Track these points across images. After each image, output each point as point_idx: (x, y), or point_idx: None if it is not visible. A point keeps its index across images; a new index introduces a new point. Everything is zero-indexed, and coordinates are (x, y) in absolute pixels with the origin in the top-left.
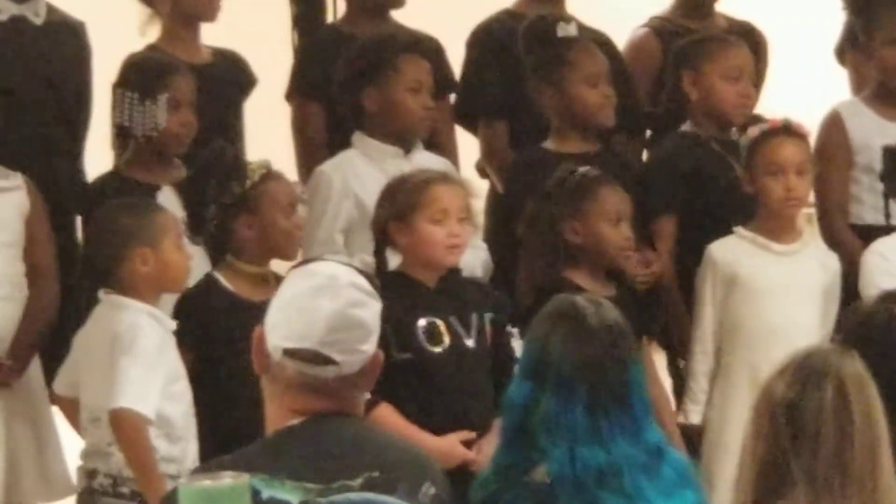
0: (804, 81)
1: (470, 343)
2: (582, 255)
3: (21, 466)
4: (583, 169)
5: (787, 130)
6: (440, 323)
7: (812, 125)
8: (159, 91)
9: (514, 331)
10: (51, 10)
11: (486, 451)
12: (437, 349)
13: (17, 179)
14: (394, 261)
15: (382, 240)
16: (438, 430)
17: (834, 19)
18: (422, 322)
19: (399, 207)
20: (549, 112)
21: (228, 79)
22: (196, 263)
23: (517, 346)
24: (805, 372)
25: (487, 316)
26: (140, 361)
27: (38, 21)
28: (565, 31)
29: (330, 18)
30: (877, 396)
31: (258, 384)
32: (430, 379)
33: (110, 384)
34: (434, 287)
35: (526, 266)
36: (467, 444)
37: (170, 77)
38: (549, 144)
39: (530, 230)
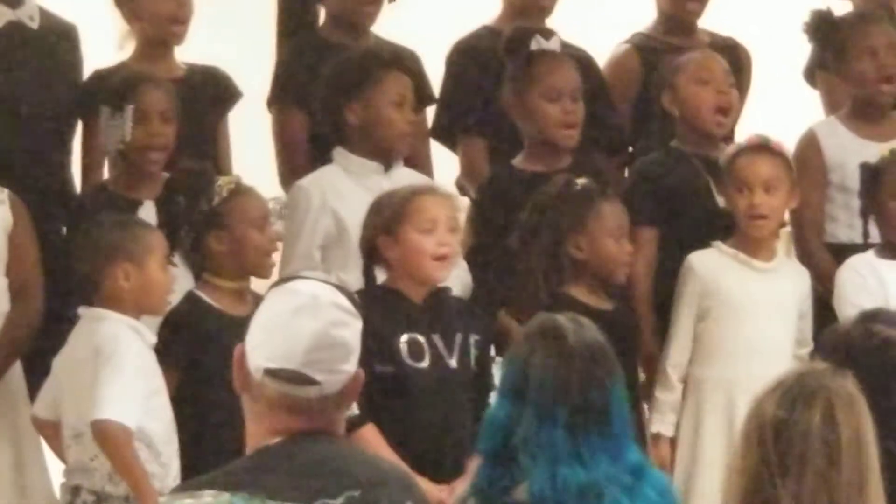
0: (788, 97)
1: (452, 363)
2: (584, 269)
3: (0, 482)
4: (581, 181)
5: (761, 147)
6: (423, 340)
7: (796, 141)
8: (126, 103)
9: (496, 358)
10: (44, 13)
11: (458, 492)
12: (419, 365)
13: (1, 195)
14: (380, 279)
15: (370, 257)
16: (415, 447)
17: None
18: (404, 337)
19: (386, 220)
20: (520, 127)
21: (202, 94)
22: (179, 283)
23: (497, 372)
24: (795, 391)
25: (473, 338)
26: (121, 372)
27: (34, 25)
28: (539, 44)
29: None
30: (868, 418)
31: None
32: (410, 394)
33: (91, 396)
34: (420, 303)
35: (522, 281)
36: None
37: (137, 89)
38: (517, 161)
39: (528, 244)
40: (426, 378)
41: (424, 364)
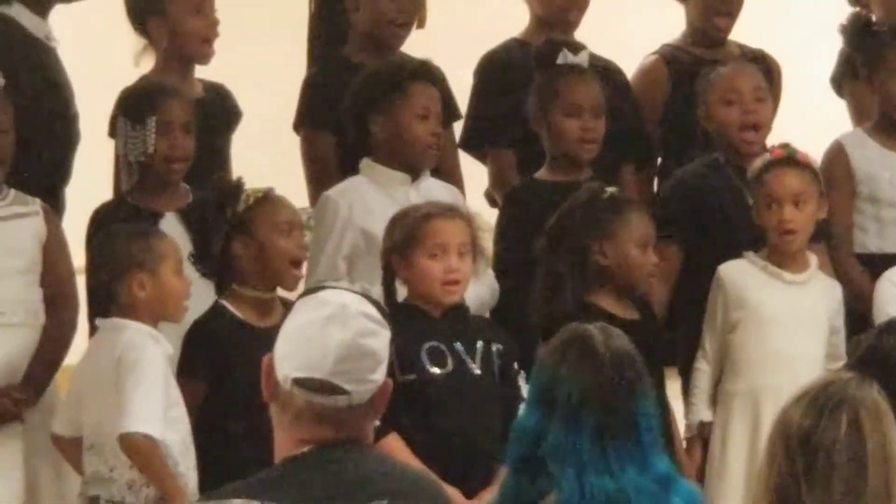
0: (818, 109)
1: (475, 369)
2: (609, 278)
3: (40, 491)
4: (610, 190)
5: (788, 161)
6: (444, 347)
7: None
8: (148, 115)
9: (521, 372)
10: None
11: (486, 500)
12: (440, 371)
13: (34, 205)
14: (402, 291)
15: (389, 270)
16: (441, 455)
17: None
18: (426, 345)
19: (399, 241)
20: (542, 139)
21: (217, 113)
22: (202, 295)
23: (523, 386)
24: (822, 401)
25: (495, 347)
26: (145, 382)
27: (55, 44)
28: (566, 58)
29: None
30: (894, 428)
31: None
32: (433, 400)
33: (116, 407)
34: (440, 317)
35: (546, 288)
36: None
37: (158, 100)
38: (541, 174)
39: (553, 252)
40: (449, 384)
41: (447, 370)
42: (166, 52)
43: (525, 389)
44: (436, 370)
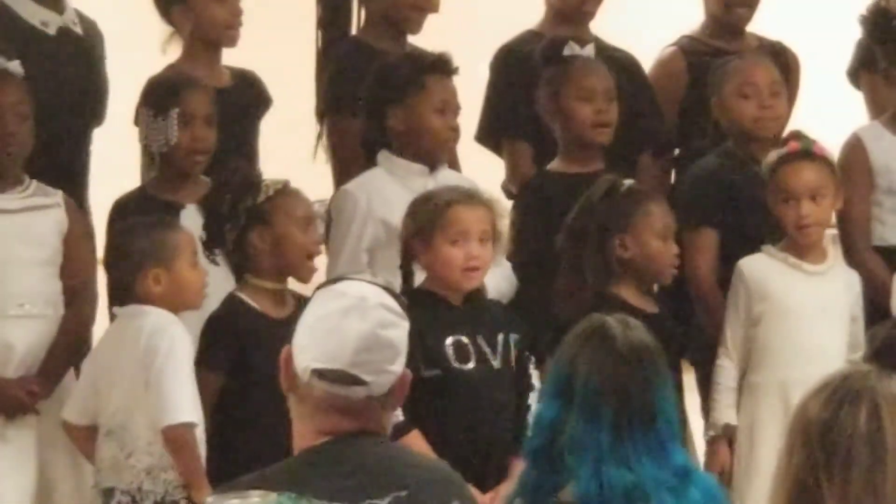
0: (836, 101)
1: (496, 364)
2: (630, 271)
3: (55, 484)
4: (627, 181)
5: (803, 155)
6: (467, 342)
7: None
8: (171, 107)
9: (533, 358)
10: (79, 14)
11: (502, 496)
12: (465, 367)
13: (56, 197)
14: (419, 276)
15: (408, 255)
16: (460, 450)
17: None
18: (450, 340)
19: (420, 226)
20: (554, 131)
21: (247, 101)
22: (219, 282)
23: (534, 374)
24: (841, 393)
25: (513, 338)
26: (179, 370)
27: (79, 30)
28: (572, 49)
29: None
30: None
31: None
32: (457, 396)
33: (154, 398)
34: (461, 306)
35: (568, 281)
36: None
37: (181, 92)
38: (554, 165)
39: (574, 244)
40: (472, 379)
41: (470, 365)
42: (191, 39)
43: (536, 377)
44: (461, 366)
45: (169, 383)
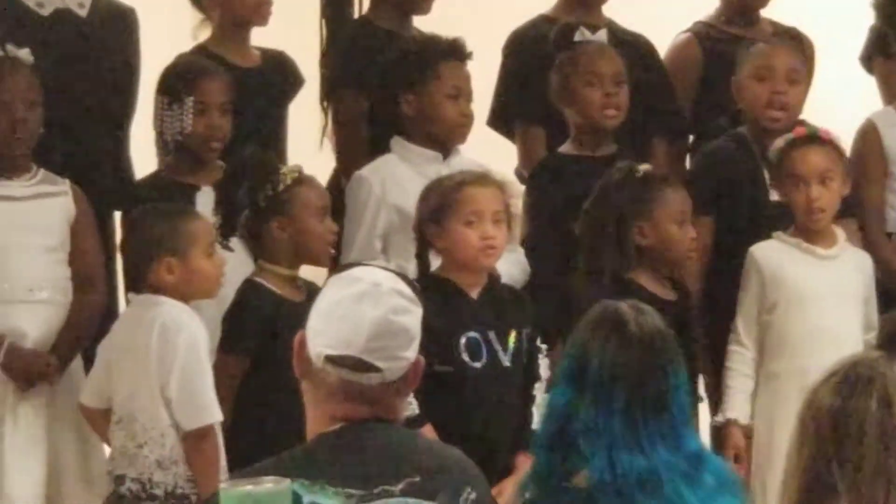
0: (851, 86)
1: (506, 361)
2: (648, 257)
3: (64, 470)
4: (644, 167)
5: (811, 139)
6: (480, 339)
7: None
8: (186, 94)
9: (543, 347)
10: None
11: (507, 492)
12: (477, 364)
13: (63, 185)
14: (435, 263)
15: (423, 242)
16: (468, 445)
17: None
18: (464, 337)
19: (433, 209)
20: (566, 116)
21: (276, 81)
22: (233, 268)
23: (544, 364)
24: (851, 379)
25: (525, 332)
26: (204, 366)
27: (83, 13)
28: (583, 35)
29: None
30: None
31: None
32: (466, 393)
33: (186, 399)
34: (477, 299)
35: (587, 267)
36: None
37: (197, 80)
38: (565, 148)
39: (593, 231)
40: (482, 377)
41: (481, 363)
42: (221, 20)
43: (544, 367)
44: (473, 364)
45: (196, 383)
